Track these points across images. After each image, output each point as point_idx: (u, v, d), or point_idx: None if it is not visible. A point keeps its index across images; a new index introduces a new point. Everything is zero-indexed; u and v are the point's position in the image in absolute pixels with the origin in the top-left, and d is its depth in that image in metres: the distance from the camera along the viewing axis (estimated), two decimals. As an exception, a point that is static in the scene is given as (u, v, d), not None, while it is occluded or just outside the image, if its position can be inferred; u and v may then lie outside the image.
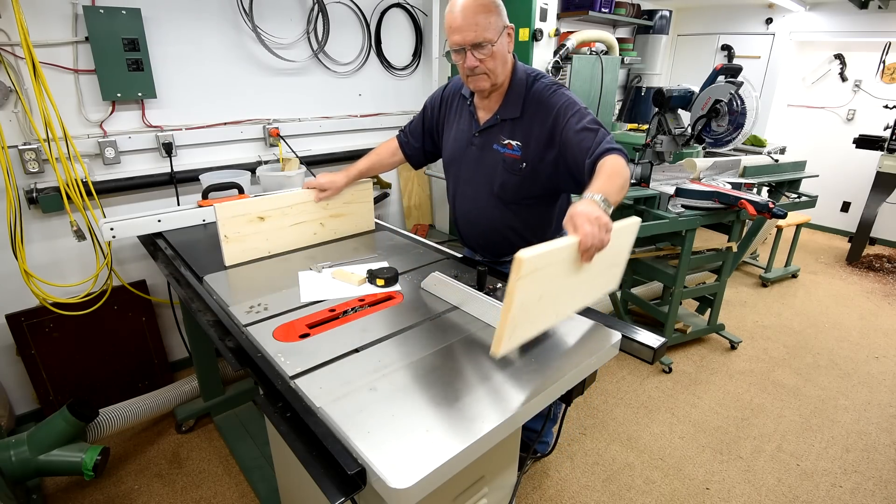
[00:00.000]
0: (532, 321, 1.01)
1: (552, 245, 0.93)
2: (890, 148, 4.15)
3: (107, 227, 1.94)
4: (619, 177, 1.23)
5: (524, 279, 0.88)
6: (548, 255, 0.92)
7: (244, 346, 1.19)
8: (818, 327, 3.44)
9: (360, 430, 0.90)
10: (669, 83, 4.33)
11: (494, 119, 1.54)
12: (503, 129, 1.53)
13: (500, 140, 1.54)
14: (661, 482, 2.11)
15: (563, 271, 0.99)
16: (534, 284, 0.93)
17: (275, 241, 1.69)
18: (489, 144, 1.56)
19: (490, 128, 1.55)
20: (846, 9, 4.36)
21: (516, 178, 1.53)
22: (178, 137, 2.41)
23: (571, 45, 3.23)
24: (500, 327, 0.93)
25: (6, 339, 2.17)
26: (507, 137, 1.52)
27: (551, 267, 0.96)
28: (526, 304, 0.93)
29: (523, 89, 1.50)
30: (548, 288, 0.98)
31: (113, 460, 2.13)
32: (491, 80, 1.44)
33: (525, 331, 1.01)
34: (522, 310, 0.93)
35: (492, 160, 1.56)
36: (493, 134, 1.55)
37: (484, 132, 1.57)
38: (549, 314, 1.06)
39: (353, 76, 3.00)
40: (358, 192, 1.88)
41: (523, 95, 1.49)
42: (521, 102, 1.49)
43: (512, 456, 1.35)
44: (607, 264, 1.13)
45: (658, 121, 2.78)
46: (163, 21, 2.26)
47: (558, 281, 1.00)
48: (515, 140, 1.51)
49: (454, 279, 1.39)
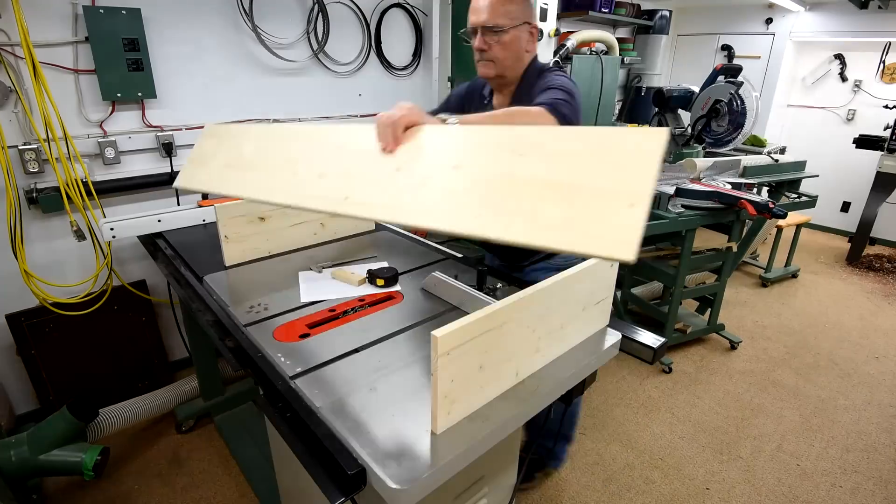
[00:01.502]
0: (482, 388, 0.92)
1: (476, 316, 0.84)
2: (890, 148, 4.15)
3: (107, 227, 1.94)
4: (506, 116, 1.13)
5: (444, 357, 0.80)
6: (469, 328, 0.83)
7: (244, 346, 1.18)
8: (818, 327, 3.44)
9: (360, 430, 0.90)
10: (669, 83, 4.33)
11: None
12: None
13: None
14: (661, 482, 2.11)
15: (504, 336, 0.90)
16: (464, 358, 0.84)
17: (275, 241, 1.69)
18: None
19: None
20: (846, 9, 4.36)
21: None
22: (178, 137, 2.41)
23: (571, 45, 3.23)
24: (432, 405, 0.85)
25: (6, 339, 2.17)
26: None
27: (482, 337, 0.86)
28: (462, 378, 0.86)
29: (532, 84, 1.48)
30: (490, 356, 0.89)
31: (113, 460, 2.13)
32: (496, 69, 1.42)
33: (477, 398, 0.93)
34: (458, 384, 0.85)
35: None
36: None
37: None
38: (506, 376, 0.97)
39: (353, 76, 3.00)
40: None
41: (533, 87, 1.47)
42: (532, 94, 1.46)
43: (512, 456, 1.35)
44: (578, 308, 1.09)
45: (658, 121, 2.78)
46: (163, 21, 2.26)
47: (502, 346, 0.91)
48: None
49: (454, 279, 1.39)
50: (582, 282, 1.07)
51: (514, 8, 1.36)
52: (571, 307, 1.07)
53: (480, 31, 1.37)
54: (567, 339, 1.11)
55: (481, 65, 1.44)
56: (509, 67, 1.44)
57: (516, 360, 0.98)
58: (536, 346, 1.01)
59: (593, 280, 1.10)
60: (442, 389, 0.83)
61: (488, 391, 0.95)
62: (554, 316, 1.02)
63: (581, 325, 1.14)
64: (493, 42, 1.38)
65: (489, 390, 0.95)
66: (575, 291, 1.06)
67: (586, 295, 1.10)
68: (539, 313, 0.97)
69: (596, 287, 1.12)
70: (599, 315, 1.20)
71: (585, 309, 1.12)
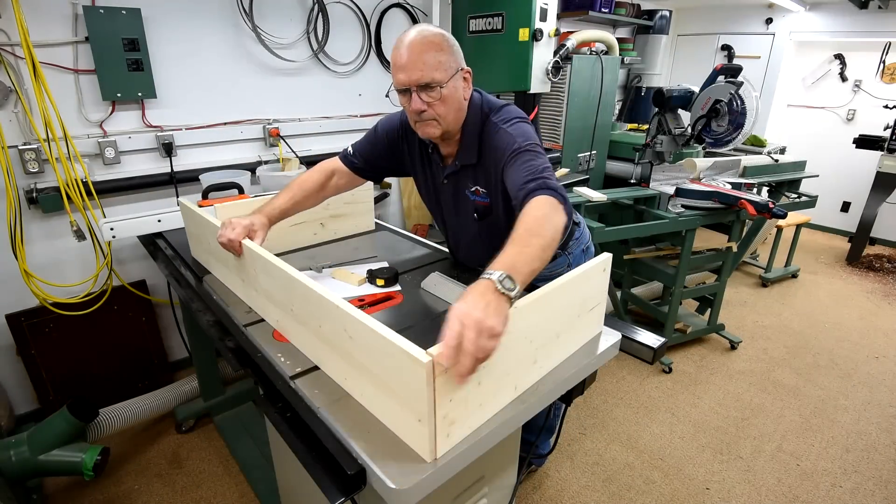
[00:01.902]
0: (481, 405, 0.90)
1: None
2: (890, 148, 4.15)
3: (107, 227, 1.94)
4: (539, 235, 0.98)
5: (441, 378, 0.77)
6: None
7: (244, 346, 1.19)
8: (818, 327, 3.44)
9: (360, 430, 0.90)
10: (669, 83, 4.33)
11: (454, 166, 1.41)
12: (467, 174, 1.40)
13: (468, 186, 1.41)
14: (661, 482, 2.11)
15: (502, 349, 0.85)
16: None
17: (275, 241, 1.69)
18: (460, 190, 1.45)
19: (454, 174, 1.43)
20: (846, 9, 4.36)
21: (494, 227, 1.43)
22: (178, 137, 2.41)
23: (571, 45, 3.23)
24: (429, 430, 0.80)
25: (6, 339, 2.17)
26: (472, 184, 1.40)
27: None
28: (460, 397, 0.83)
29: (477, 132, 1.34)
30: (488, 371, 0.87)
31: (113, 460, 2.13)
32: (442, 126, 1.28)
33: (477, 416, 0.90)
34: (456, 403, 0.83)
35: (466, 207, 1.46)
36: (461, 179, 1.42)
37: (450, 177, 1.44)
38: (505, 390, 0.96)
39: (353, 76, 3.00)
40: (358, 192, 1.88)
41: (478, 138, 1.34)
42: (478, 146, 1.35)
43: (512, 456, 1.35)
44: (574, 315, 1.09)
45: (658, 121, 2.78)
46: (163, 21, 2.26)
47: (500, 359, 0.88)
48: (481, 187, 1.39)
49: (454, 279, 1.39)
50: (576, 289, 1.06)
51: (446, 57, 1.21)
52: (567, 315, 1.07)
53: (415, 90, 1.22)
54: (563, 347, 1.10)
55: (422, 126, 1.29)
56: (453, 121, 1.30)
57: (515, 374, 0.97)
58: (534, 357, 1.01)
59: (587, 286, 1.09)
60: (442, 411, 0.80)
61: (494, 404, 0.93)
62: (550, 325, 1.02)
63: (576, 332, 1.14)
64: (431, 100, 1.23)
65: (495, 403, 0.93)
66: (570, 299, 1.05)
67: (580, 302, 1.09)
68: (536, 323, 0.96)
69: (589, 293, 1.12)
70: (594, 321, 1.19)
71: (580, 316, 1.12)
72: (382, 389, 0.88)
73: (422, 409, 0.78)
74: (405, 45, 1.20)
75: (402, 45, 1.21)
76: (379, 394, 0.90)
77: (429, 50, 1.19)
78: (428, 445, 0.81)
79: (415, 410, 0.80)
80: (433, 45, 1.20)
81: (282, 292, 1.12)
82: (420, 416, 0.80)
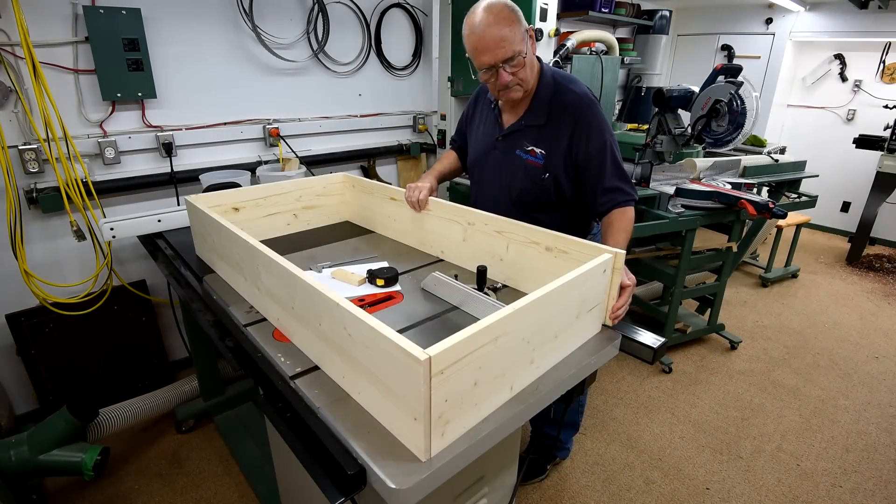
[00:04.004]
0: (476, 405, 0.91)
1: (470, 331, 0.82)
2: (890, 148, 4.15)
3: (107, 227, 1.94)
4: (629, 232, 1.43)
5: (437, 377, 0.78)
6: (463, 344, 0.81)
7: (244, 346, 1.18)
8: (818, 327, 3.44)
9: (359, 430, 0.90)
10: (669, 83, 4.33)
11: (519, 124, 1.50)
12: (527, 135, 1.50)
13: (523, 146, 1.51)
14: (661, 482, 2.11)
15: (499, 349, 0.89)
16: (460, 373, 0.82)
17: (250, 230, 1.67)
18: (512, 149, 1.53)
19: (514, 132, 1.52)
20: (846, 9, 4.36)
21: (536, 188, 1.51)
22: (178, 137, 2.41)
23: (571, 45, 3.23)
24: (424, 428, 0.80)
25: (6, 339, 2.17)
26: (531, 144, 1.49)
27: (477, 353, 0.85)
28: (456, 396, 0.84)
29: (549, 94, 1.45)
30: (484, 372, 0.88)
31: (113, 460, 2.13)
32: (523, 87, 1.40)
33: (472, 416, 0.91)
34: (452, 403, 0.83)
35: (513, 166, 1.53)
36: (517, 139, 1.52)
37: (508, 136, 1.54)
38: (501, 390, 0.96)
39: (353, 76, 3.00)
40: (330, 184, 1.92)
41: (549, 101, 1.45)
42: (547, 108, 1.45)
43: (512, 456, 1.35)
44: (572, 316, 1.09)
45: (658, 121, 2.78)
46: (163, 21, 2.26)
47: (497, 360, 0.90)
48: (540, 148, 1.47)
49: (454, 279, 1.39)
50: (575, 289, 1.06)
51: (517, 27, 1.30)
52: (565, 315, 1.07)
53: (501, 66, 1.32)
54: (561, 348, 1.10)
55: (507, 93, 1.40)
56: (532, 80, 1.42)
57: (511, 374, 0.97)
58: (531, 358, 1.01)
59: (586, 287, 1.09)
60: (436, 411, 0.80)
61: (489, 404, 0.93)
62: (548, 325, 1.02)
63: (575, 333, 1.14)
64: (517, 69, 1.34)
65: (490, 403, 0.93)
66: (569, 299, 1.05)
67: (579, 302, 1.09)
68: (534, 323, 0.96)
69: (588, 294, 1.12)
70: (593, 322, 1.19)
71: (579, 316, 1.12)
72: (380, 387, 0.88)
73: (418, 408, 0.79)
74: (480, 26, 1.28)
75: (478, 28, 1.29)
76: (376, 392, 0.90)
77: (503, 26, 1.28)
78: (423, 444, 0.82)
79: (411, 408, 0.81)
80: (506, 20, 1.28)
81: (283, 289, 1.12)
82: (416, 415, 0.80)
